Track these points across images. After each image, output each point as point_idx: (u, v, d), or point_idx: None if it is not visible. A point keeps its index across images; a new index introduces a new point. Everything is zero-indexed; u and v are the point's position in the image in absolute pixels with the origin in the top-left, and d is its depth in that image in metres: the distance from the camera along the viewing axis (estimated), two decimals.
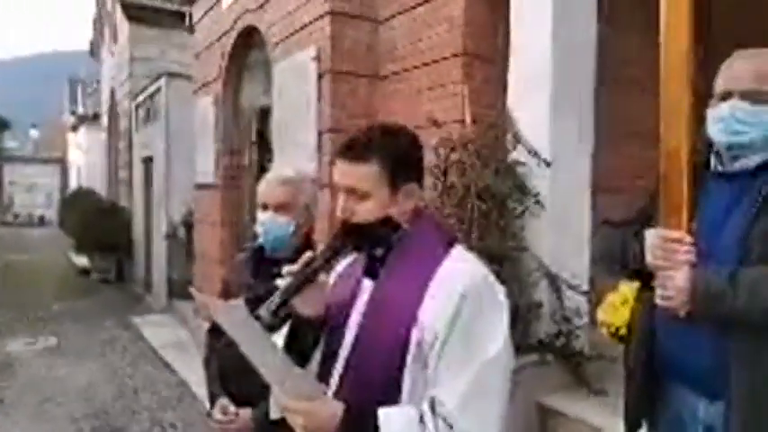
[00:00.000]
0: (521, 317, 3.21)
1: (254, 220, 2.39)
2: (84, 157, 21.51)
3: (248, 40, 6.12)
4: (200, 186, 7.19)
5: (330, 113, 4.39)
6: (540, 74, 3.32)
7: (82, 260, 12.78)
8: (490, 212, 3.24)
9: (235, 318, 1.32)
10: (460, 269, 1.35)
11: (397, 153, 1.40)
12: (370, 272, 1.46)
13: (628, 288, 2.04)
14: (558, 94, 3.30)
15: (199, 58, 7.36)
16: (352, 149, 1.40)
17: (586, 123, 3.42)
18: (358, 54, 4.50)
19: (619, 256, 1.78)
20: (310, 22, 4.64)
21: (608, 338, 2.14)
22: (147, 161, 10.77)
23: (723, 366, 1.50)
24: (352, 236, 1.41)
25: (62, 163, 31.27)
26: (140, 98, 11.16)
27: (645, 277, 1.70)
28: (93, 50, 18.75)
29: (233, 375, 2.07)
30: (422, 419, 1.25)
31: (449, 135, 3.54)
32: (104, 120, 16.34)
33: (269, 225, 2.11)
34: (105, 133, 16.19)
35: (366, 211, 1.38)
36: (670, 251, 1.54)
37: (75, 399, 5.07)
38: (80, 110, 24.11)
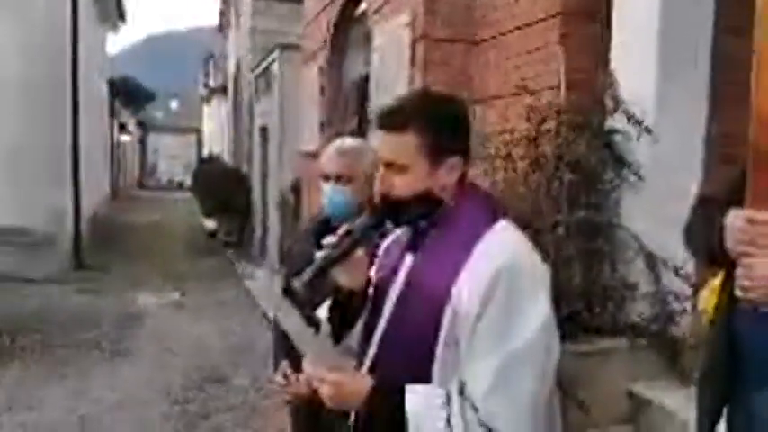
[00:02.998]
0: (611, 298, 2.99)
1: None
2: (215, 126, 23.03)
3: (352, 8, 6.13)
4: (305, 154, 7.42)
5: (422, 81, 4.29)
6: (646, 27, 3.00)
7: (210, 223, 13.79)
8: (581, 184, 3.02)
9: (271, 291, 1.34)
10: (499, 245, 1.26)
11: (437, 123, 1.32)
12: (413, 246, 1.41)
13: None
14: (668, 51, 2.96)
15: (307, 28, 7.52)
16: (390, 118, 1.35)
17: (700, 83, 3.05)
18: (453, 19, 4.33)
19: (701, 239, 1.57)
20: None
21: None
22: (264, 130, 11.29)
23: None
24: (391, 210, 1.36)
25: (198, 132, 33.74)
26: (259, 70, 11.66)
27: (729, 265, 1.49)
28: (222, 26, 19.84)
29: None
30: (448, 401, 1.20)
31: (541, 102, 3.33)
32: (230, 91, 17.33)
33: (330, 196, 2.11)
34: (231, 104, 17.18)
35: (404, 186, 1.32)
36: (755, 235, 1.33)
37: (188, 351, 5.54)
38: (211, 83, 25.74)
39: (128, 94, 22.93)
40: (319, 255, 1.37)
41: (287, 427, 2.23)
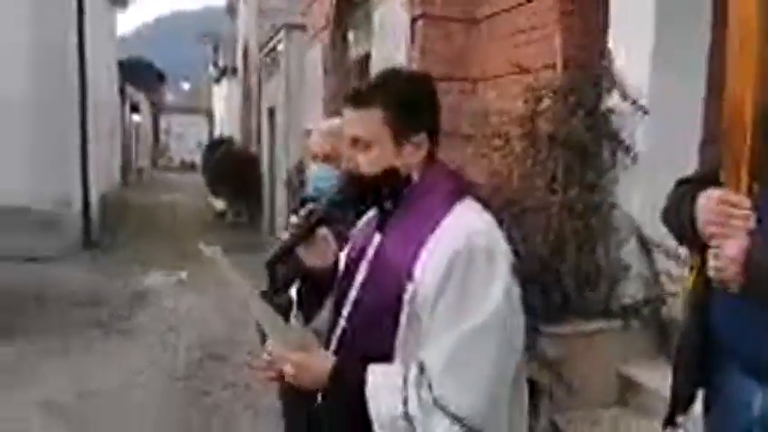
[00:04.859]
0: (604, 279, 2.97)
1: None
2: (225, 107, 23.03)
3: None
4: (310, 133, 7.39)
5: (421, 59, 4.25)
6: (643, 7, 2.94)
7: (219, 203, 13.86)
8: (576, 164, 2.99)
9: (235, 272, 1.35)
10: (461, 223, 1.25)
11: (402, 98, 1.30)
12: (381, 226, 1.40)
13: None
14: (664, 31, 2.90)
15: (311, 7, 7.45)
16: (357, 94, 1.33)
17: (697, 64, 2.99)
18: None
19: (676, 220, 1.55)
20: None
21: None
22: (272, 111, 11.27)
23: None
24: (356, 189, 1.35)
25: (209, 113, 33.77)
26: (266, 50, 11.61)
27: (702, 247, 1.47)
28: (231, 5, 19.73)
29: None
30: (405, 381, 1.20)
31: (538, 81, 3.28)
32: (240, 72, 17.29)
33: (316, 175, 2.11)
34: (241, 84, 17.14)
35: (369, 162, 1.31)
36: (724, 215, 1.31)
37: (191, 329, 5.61)
38: (221, 63, 25.67)
39: (139, 74, 23.00)
40: (284, 235, 1.38)
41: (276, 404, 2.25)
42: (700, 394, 1.57)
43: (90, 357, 4.83)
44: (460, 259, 1.19)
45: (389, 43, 4.76)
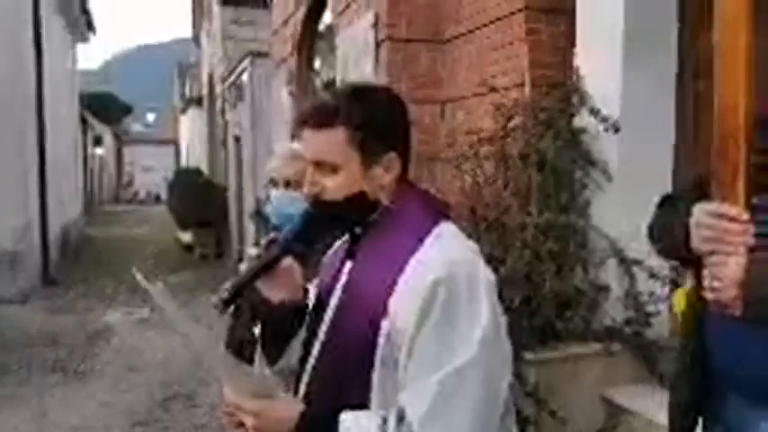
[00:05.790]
0: (584, 301, 2.87)
1: None
2: (191, 137, 22.73)
3: (318, 12, 6.01)
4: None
5: (387, 83, 4.17)
6: (610, 22, 2.91)
7: (186, 236, 13.50)
8: (550, 185, 2.91)
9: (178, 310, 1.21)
10: (438, 253, 1.12)
11: (368, 117, 1.18)
12: (351, 254, 1.27)
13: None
14: (632, 44, 2.87)
15: (276, 35, 7.38)
16: (316, 114, 1.21)
17: (667, 78, 2.96)
18: (418, 18, 4.22)
19: (666, 237, 1.45)
20: None
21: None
22: (238, 140, 11.10)
23: None
24: (322, 216, 1.22)
25: (175, 144, 33.34)
26: (230, 79, 11.48)
27: (697, 264, 1.36)
28: (195, 37, 19.62)
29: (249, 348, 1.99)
30: (384, 428, 1.06)
31: (508, 100, 3.22)
32: (205, 102, 17.10)
33: (278, 201, 1.97)
34: (207, 114, 16.94)
35: (336, 187, 1.18)
36: (721, 231, 1.20)
37: (155, 368, 5.33)
38: (187, 93, 25.45)
39: (103, 107, 22.62)
40: (242, 268, 1.24)
41: None
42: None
43: (46, 403, 4.52)
44: (440, 292, 1.06)
45: (354, 68, 4.68)
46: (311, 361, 1.24)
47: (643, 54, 2.88)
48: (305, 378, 1.25)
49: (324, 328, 1.24)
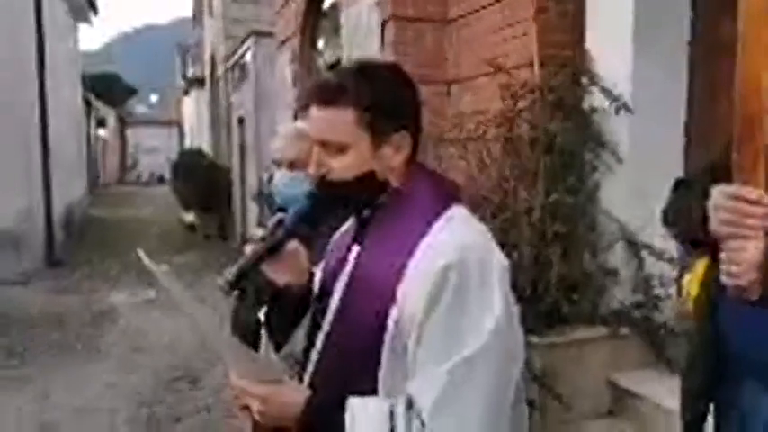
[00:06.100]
0: (591, 284, 2.84)
1: None
2: (194, 118, 22.64)
3: None
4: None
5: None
6: (620, 2, 2.83)
7: (189, 217, 13.50)
8: (558, 166, 2.87)
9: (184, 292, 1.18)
10: (449, 237, 1.08)
11: (378, 94, 1.13)
12: (359, 238, 1.23)
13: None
14: (642, 25, 2.80)
15: (279, 14, 7.27)
16: (323, 92, 1.16)
17: (680, 59, 2.89)
18: None
19: (682, 221, 1.41)
20: None
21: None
22: (241, 120, 11.03)
23: None
24: (329, 197, 1.19)
25: (179, 125, 33.21)
26: (233, 59, 11.38)
27: (714, 248, 1.33)
28: (196, 17, 19.43)
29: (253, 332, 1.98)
30: (392, 415, 1.03)
31: (516, 80, 3.15)
32: (208, 82, 16.98)
33: (283, 182, 1.94)
34: (209, 95, 16.83)
35: (344, 168, 1.14)
36: (741, 215, 1.16)
37: (160, 350, 5.34)
38: (189, 74, 25.28)
39: (106, 88, 22.49)
40: (247, 249, 1.21)
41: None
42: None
43: (51, 384, 4.54)
44: (451, 277, 1.02)
45: (359, 48, 4.61)
46: (315, 352, 1.22)
47: (653, 35, 2.82)
48: (309, 368, 1.22)
49: (328, 317, 1.21)
